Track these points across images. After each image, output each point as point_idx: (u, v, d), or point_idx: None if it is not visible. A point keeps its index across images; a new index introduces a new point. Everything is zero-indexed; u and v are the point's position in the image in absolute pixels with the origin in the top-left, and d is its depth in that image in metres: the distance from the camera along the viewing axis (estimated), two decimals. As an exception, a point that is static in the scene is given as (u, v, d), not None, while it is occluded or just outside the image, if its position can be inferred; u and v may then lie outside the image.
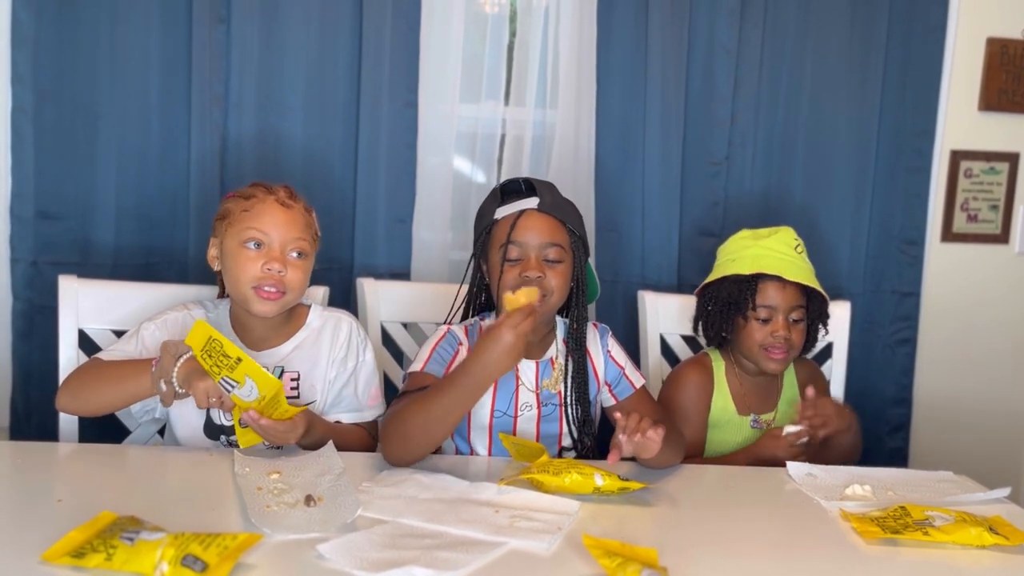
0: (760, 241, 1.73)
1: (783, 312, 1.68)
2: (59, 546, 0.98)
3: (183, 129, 2.01)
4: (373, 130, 2.08)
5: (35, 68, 1.93)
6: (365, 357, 1.60)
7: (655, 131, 2.17)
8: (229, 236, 1.50)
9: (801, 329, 1.71)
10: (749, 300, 1.69)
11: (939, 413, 2.41)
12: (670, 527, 1.24)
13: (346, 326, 1.60)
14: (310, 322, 1.59)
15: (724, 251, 1.80)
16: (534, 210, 1.50)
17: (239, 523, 1.12)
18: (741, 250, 1.74)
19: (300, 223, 1.52)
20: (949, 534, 1.19)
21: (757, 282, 1.69)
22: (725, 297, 1.71)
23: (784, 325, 1.68)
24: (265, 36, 2.03)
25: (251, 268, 1.47)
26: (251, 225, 1.48)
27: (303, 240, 1.51)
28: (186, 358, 1.34)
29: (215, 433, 1.51)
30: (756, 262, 1.70)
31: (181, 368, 1.33)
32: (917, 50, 2.26)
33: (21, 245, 1.97)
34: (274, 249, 1.48)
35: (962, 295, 2.40)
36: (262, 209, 1.49)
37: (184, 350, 1.35)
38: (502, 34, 2.17)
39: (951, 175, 2.35)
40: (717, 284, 1.74)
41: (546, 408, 1.55)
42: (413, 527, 1.14)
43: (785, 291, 1.69)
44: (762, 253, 1.71)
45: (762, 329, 1.69)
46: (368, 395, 1.59)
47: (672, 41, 2.15)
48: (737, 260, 1.73)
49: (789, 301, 1.69)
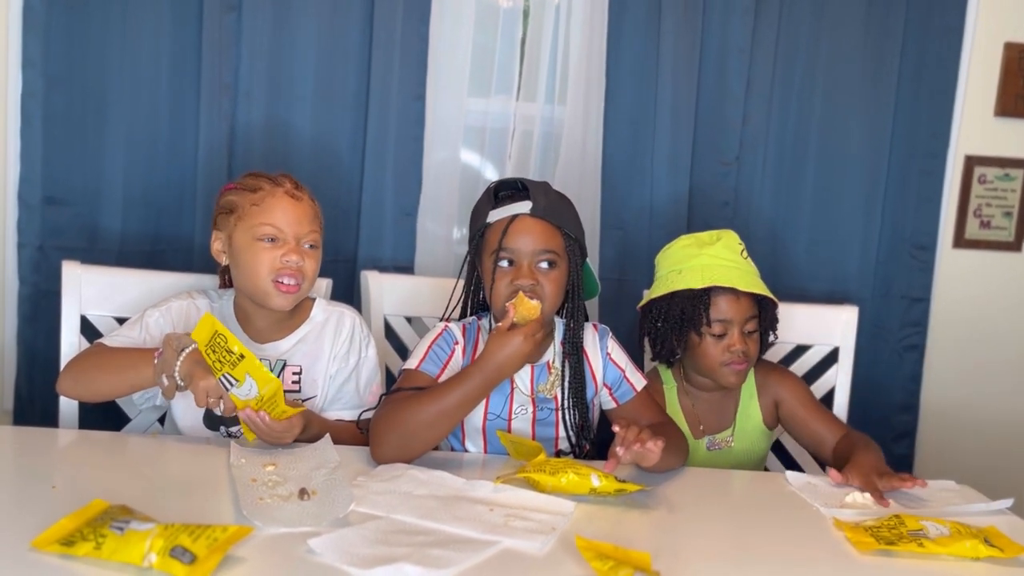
0: (705, 249, 1.63)
1: (738, 325, 1.60)
2: (49, 533, 0.98)
3: (192, 117, 2.02)
4: (381, 122, 2.07)
5: (46, 54, 1.94)
6: (367, 353, 1.59)
7: (665, 129, 2.16)
8: (240, 231, 1.49)
9: (756, 339, 1.63)
10: (703, 315, 1.59)
11: (946, 421, 2.38)
12: (665, 531, 1.23)
13: (349, 321, 1.59)
14: (314, 316, 1.58)
15: (667, 260, 1.68)
16: (527, 215, 1.47)
17: (231, 515, 1.12)
18: (686, 260, 1.63)
19: (311, 214, 1.52)
20: (944, 546, 1.18)
21: (710, 295, 1.60)
22: (677, 313, 1.61)
23: (740, 339, 1.60)
24: (275, 26, 2.02)
25: (268, 261, 1.46)
26: (264, 220, 1.47)
27: (315, 232, 1.52)
28: (189, 351, 1.34)
29: (215, 424, 1.51)
30: (706, 273, 1.59)
31: (184, 363, 1.33)
32: (933, 53, 2.23)
33: (28, 230, 1.98)
34: (289, 242, 1.48)
35: (973, 302, 2.37)
36: (273, 203, 1.48)
37: (187, 343, 1.34)
38: (514, 28, 2.16)
39: (965, 180, 2.32)
40: (666, 300, 1.63)
41: (541, 412, 1.53)
42: (406, 523, 1.14)
43: (739, 303, 1.60)
44: (709, 263, 1.61)
45: (718, 344, 1.60)
46: (369, 392, 1.58)
47: (685, 40, 2.13)
48: (684, 272, 1.62)
49: (743, 312, 1.60)
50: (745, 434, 1.70)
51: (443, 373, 1.49)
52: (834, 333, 1.93)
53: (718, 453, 1.69)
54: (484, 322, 1.58)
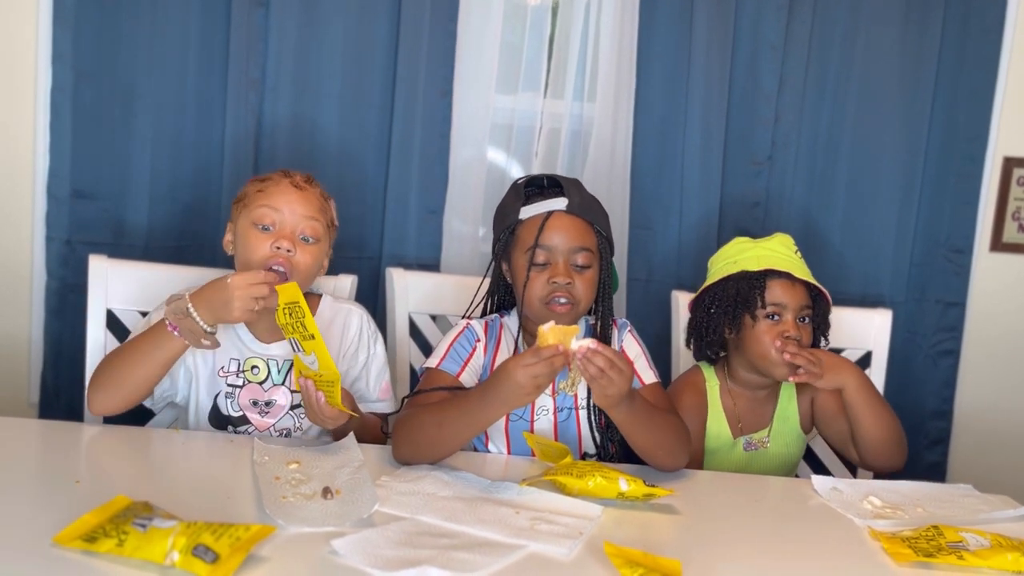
0: (761, 243, 1.66)
1: (792, 311, 1.59)
2: (71, 529, 0.97)
3: (219, 113, 2.02)
4: (407, 119, 2.06)
5: (75, 48, 1.95)
6: (376, 350, 1.58)
7: (696, 128, 2.12)
8: (243, 217, 1.48)
9: (809, 330, 1.62)
10: (758, 298, 1.59)
11: (980, 428, 2.32)
12: (696, 537, 1.19)
13: (356, 319, 1.58)
14: (321, 313, 1.56)
15: (721, 257, 1.70)
16: (563, 212, 1.45)
17: (254, 513, 1.11)
18: (741, 252, 1.65)
19: (314, 204, 1.48)
20: (984, 559, 1.14)
21: (766, 279, 1.60)
22: (732, 296, 1.61)
23: (794, 324, 1.59)
24: (303, 21, 2.02)
25: (261, 248, 1.44)
26: (263, 203, 1.46)
27: (316, 221, 1.48)
28: (191, 295, 1.36)
29: (222, 423, 1.51)
30: (762, 261, 1.61)
31: (199, 312, 1.35)
32: (972, 51, 2.18)
33: (56, 224, 1.99)
34: (285, 228, 1.45)
35: (1010, 307, 2.31)
36: (275, 189, 1.47)
37: (184, 299, 1.36)
38: (543, 25, 2.14)
39: (1003, 182, 2.26)
40: (720, 285, 1.63)
41: (562, 412, 1.51)
42: (430, 525, 1.12)
43: (794, 289, 1.60)
44: (765, 254, 1.62)
45: (772, 328, 1.59)
46: (379, 388, 1.58)
47: (717, 36, 2.10)
48: (739, 261, 1.63)
49: (798, 300, 1.60)
50: (781, 436, 1.68)
51: (464, 371, 1.47)
52: (867, 337, 1.89)
53: (753, 454, 1.67)
54: (508, 319, 1.56)
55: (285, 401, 1.52)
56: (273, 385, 1.51)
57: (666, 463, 1.40)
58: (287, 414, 1.52)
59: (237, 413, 1.50)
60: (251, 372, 1.51)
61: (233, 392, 1.51)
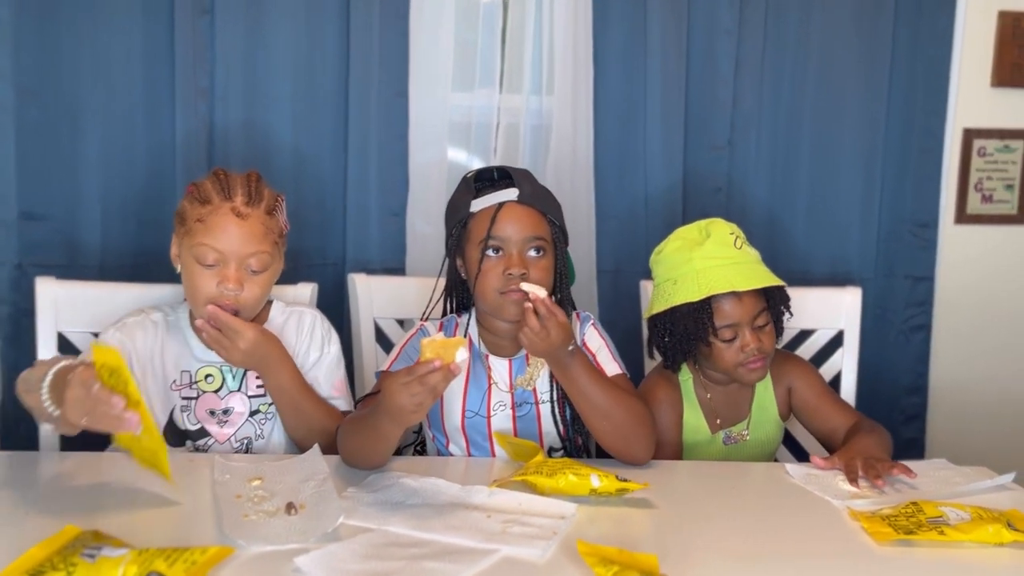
0: (696, 251, 1.53)
1: (747, 325, 1.52)
2: (16, 565, 0.93)
3: (168, 124, 1.96)
4: (363, 121, 2.02)
5: (16, 65, 1.89)
6: (330, 349, 1.55)
7: (656, 115, 2.10)
8: (185, 247, 1.43)
9: (769, 331, 1.55)
10: (708, 325, 1.51)
11: (956, 401, 2.33)
12: (672, 531, 1.17)
13: (309, 319, 1.56)
14: (272, 319, 1.53)
15: (660, 267, 1.59)
16: (514, 202, 1.43)
17: (213, 536, 1.06)
18: (679, 267, 1.54)
19: (258, 233, 1.41)
20: (966, 532, 1.13)
21: (711, 304, 1.51)
22: (681, 329, 1.53)
23: (752, 337, 1.51)
24: (250, 26, 1.97)
25: (206, 287, 1.40)
26: (204, 241, 1.39)
27: (262, 252, 1.42)
28: (53, 372, 1.19)
29: (180, 439, 1.47)
30: (701, 280, 1.50)
31: (48, 386, 1.19)
32: (927, 26, 2.18)
33: (6, 248, 1.93)
34: (229, 266, 1.40)
35: (978, 279, 2.32)
36: (215, 222, 1.39)
37: (46, 369, 1.20)
38: (495, 19, 2.10)
39: (964, 154, 2.26)
40: (669, 315, 1.54)
41: (521, 408, 1.48)
42: (399, 535, 1.09)
43: (743, 303, 1.51)
44: (702, 266, 1.51)
45: (730, 349, 1.52)
46: (331, 386, 1.54)
47: (671, 22, 2.08)
48: (679, 281, 1.53)
49: (749, 311, 1.52)
50: (760, 425, 1.65)
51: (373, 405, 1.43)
52: (838, 316, 1.88)
53: (734, 447, 1.64)
54: (463, 319, 1.53)
55: (243, 408, 1.48)
56: (229, 392, 1.48)
57: (628, 448, 1.37)
58: (247, 422, 1.48)
59: (195, 426, 1.46)
60: (205, 381, 1.47)
61: (189, 404, 1.47)
